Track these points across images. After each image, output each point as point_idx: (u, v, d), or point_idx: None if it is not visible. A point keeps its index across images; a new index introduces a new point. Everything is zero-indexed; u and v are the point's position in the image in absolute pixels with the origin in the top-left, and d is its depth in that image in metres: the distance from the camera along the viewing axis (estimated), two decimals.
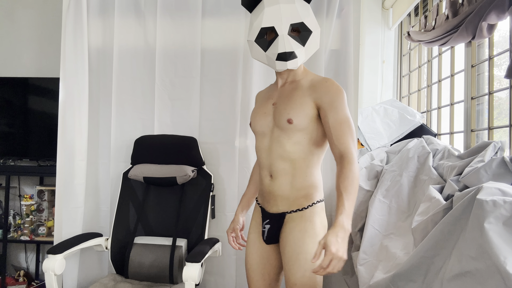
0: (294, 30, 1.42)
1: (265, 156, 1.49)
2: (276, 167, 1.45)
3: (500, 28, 2.14)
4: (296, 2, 1.43)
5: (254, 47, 1.47)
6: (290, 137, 1.43)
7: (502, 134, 2.14)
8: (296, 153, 1.44)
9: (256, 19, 1.44)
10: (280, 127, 1.45)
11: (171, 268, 1.94)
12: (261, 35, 1.43)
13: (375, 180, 2.12)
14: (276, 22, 1.40)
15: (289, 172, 1.44)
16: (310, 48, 1.46)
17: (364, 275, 1.69)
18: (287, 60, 1.41)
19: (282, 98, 1.49)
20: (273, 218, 1.49)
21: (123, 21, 2.28)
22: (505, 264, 0.96)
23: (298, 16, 1.41)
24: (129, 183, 2.16)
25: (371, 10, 3.68)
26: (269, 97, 1.57)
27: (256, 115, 1.55)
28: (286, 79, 1.53)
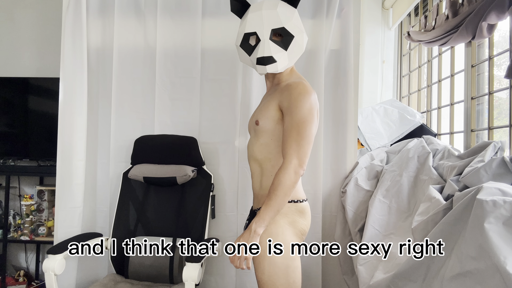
0: (276, 35, 1.47)
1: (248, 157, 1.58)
2: (250, 166, 1.56)
3: (500, 28, 2.13)
4: (278, 8, 1.47)
5: (240, 52, 1.55)
6: (258, 139, 1.50)
7: (502, 134, 2.14)
8: (262, 154, 1.49)
9: (241, 25, 1.52)
10: (252, 128, 1.53)
11: (171, 268, 1.94)
12: (245, 40, 1.51)
13: (375, 180, 2.12)
14: (258, 28, 1.46)
15: (259, 172, 1.52)
16: (294, 52, 1.50)
17: (364, 275, 1.69)
18: (265, 65, 1.46)
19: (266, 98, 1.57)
20: (251, 215, 1.59)
21: (123, 21, 2.28)
22: (505, 264, 0.96)
23: (279, 21, 1.45)
24: (129, 183, 2.16)
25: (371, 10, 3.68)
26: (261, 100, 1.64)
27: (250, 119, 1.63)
28: (272, 82, 1.60)
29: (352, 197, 2.06)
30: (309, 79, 2.19)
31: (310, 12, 2.21)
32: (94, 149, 2.32)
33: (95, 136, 2.32)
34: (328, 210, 2.23)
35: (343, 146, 2.21)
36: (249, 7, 1.55)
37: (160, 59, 2.27)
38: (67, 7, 2.22)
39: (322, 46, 2.18)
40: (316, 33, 2.20)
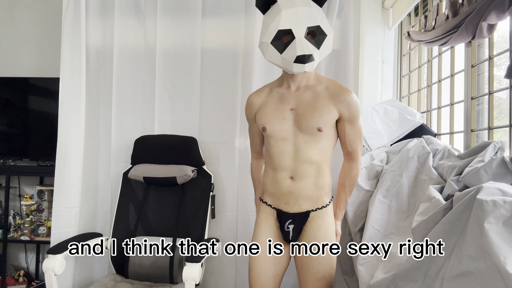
0: (309, 33, 1.45)
1: (289, 160, 1.53)
2: (301, 170, 1.53)
3: (500, 28, 2.13)
4: (312, 6, 1.45)
5: (269, 49, 1.48)
6: (318, 143, 1.53)
7: (502, 134, 2.14)
8: (321, 157, 1.54)
9: (272, 21, 1.44)
10: (307, 134, 1.52)
11: (171, 268, 1.94)
12: (278, 37, 1.44)
13: (375, 180, 2.11)
14: (294, 25, 1.41)
15: (313, 174, 1.54)
16: (324, 51, 1.50)
17: (364, 275, 1.69)
18: (305, 63, 1.43)
19: (303, 105, 1.53)
20: (297, 218, 1.56)
21: (123, 21, 2.28)
22: (505, 264, 0.96)
23: (315, 20, 1.43)
24: (129, 183, 2.16)
25: (371, 10, 3.68)
26: (283, 101, 1.57)
27: (274, 120, 1.55)
28: (300, 83, 1.56)
29: (352, 197, 2.05)
30: None
31: None
32: (94, 149, 2.32)
33: (96, 136, 2.32)
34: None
35: None
36: (275, 3, 1.50)
37: (160, 59, 2.27)
38: (67, 7, 2.22)
39: None
40: None
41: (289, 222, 1.56)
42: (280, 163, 1.54)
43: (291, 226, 1.56)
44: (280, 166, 1.54)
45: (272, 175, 1.58)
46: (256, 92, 1.68)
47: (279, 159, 1.54)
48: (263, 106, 1.61)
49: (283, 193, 1.55)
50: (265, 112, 1.58)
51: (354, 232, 2.01)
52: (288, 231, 1.57)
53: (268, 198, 1.61)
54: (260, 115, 1.59)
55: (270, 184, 1.59)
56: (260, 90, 1.67)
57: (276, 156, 1.55)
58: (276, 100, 1.58)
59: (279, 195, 1.57)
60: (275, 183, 1.57)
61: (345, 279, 2.09)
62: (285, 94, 1.58)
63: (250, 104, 1.66)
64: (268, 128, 1.55)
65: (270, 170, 1.59)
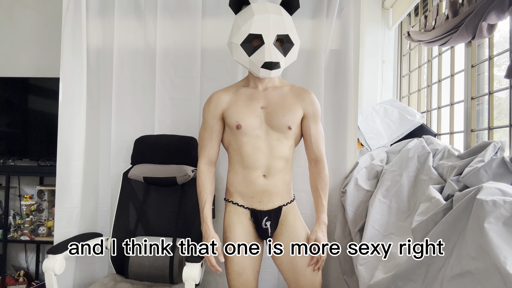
0: (278, 40, 1.52)
1: (262, 158, 1.57)
2: (273, 167, 1.58)
3: (500, 28, 2.14)
4: (283, 14, 1.53)
5: (238, 50, 1.54)
6: (288, 140, 1.61)
7: (502, 134, 2.14)
8: (289, 154, 1.63)
9: (244, 24, 1.50)
10: (278, 131, 1.57)
11: (171, 268, 1.94)
12: (248, 40, 1.51)
13: (375, 180, 2.11)
14: (264, 31, 1.48)
15: (282, 170, 1.61)
16: (289, 59, 1.58)
17: (364, 275, 1.69)
18: (271, 69, 1.51)
19: (273, 103, 1.60)
20: (272, 214, 1.62)
21: (123, 21, 2.28)
22: (505, 264, 0.96)
23: (285, 28, 1.51)
24: (129, 183, 2.16)
25: (371, 10, 3.68)
26: (253, 100, 1.62)
27: (247, 117, 1.58)
28: (267, 85, 1.64)
29: (352, 197, 2.06)
30: (309, 79, 2.20)
31: (310, 12, 2.21)
32: (95, 149, 2.32)
33: (96, 136, 2.32)
34: (328, 210, 2.22)
35: (343, 146, 2.21)
36: (248, 5, 1.57)
37: (160, 59, 2.27)
38: (67, 7, 2.22)
39: (322, 46, 2.18)
40: (316, 33, 2.19)
41: (266, 219, 1.61)
42: (254, 162, 1.56)
43: (268, 223, 1.62)
44: (253, 165, 1.57)
45: (243, 174, 1.59)
46: (222, 90, 1.68)
47: (252, 157, 1.56)
48: (233, 103, 1.61)
49: (257, 192, 1.59)
50: (238, 109, 1.59)
51: (354, 232, 2.01)
52: (266, 228, 1.62)
53: (239, 199, 1.62)
54: (231, 112, 1.59)
55: (241, 184, 1.60)
56: (226, 89, 1.69)
57: (250, 154, 1.57)
58: (246, 98, 1.62)
59: (252, 194, 1.59)
60: (247, 182, 1.59)
61: (345, 279, 2.09)
62: (254, 93, 1.63)
63: (217, 100, 1.63)
64: (243, 125, 1.56)
65: (241, 170, 1.59)
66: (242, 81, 1.71)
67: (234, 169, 1.62)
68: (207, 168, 1.66)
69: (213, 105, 1.63)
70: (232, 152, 1.63)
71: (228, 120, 1.60)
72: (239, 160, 1.59)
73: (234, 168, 1.62)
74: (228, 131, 1.64)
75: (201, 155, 1.66)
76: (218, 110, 1.62)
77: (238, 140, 1.58)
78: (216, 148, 1.67)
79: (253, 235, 1.64)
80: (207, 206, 1.62)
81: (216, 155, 1.68)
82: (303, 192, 2.12)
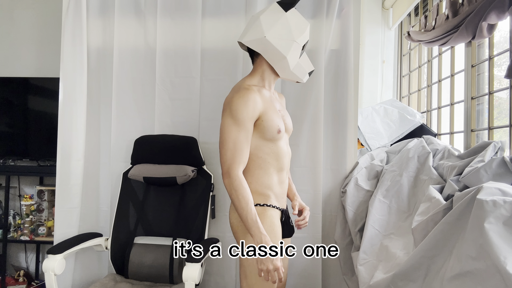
0: None
1: (288, 159, 1.64)
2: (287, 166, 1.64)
3: (500, 28, 2.13)
4: None
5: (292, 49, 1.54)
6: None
7: (502, 134, 2.14)
8: None
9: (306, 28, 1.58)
10: (289, 133, 1.67)
11: (171, 268, 1.94)
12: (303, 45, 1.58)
13: (375, 180, 2.12)
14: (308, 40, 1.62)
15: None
16: None
17: (364, 275, 1.69)
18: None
19: (282, 107, 1.68)
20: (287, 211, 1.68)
21: (123, 21, 2.28)
22: (505, 264, 0.96)
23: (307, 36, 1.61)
24: (129, 183, 2.16)
25: (371, 10, 3.68)
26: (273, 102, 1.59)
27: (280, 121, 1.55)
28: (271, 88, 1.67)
29: (352, 197, 2.06)
30: (309, 79, 2.18)
31: (310, 12, 2.21)
32: (95, 149, 2.32)
33: (96, 136, 2.32)
34: (328, 210, 2.23)
35: (343, 146, 2.21)
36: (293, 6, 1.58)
37: (160, 59, 2.27)
38: (67, 7, 2.22)
39: (322, 46, 2.18)
40: (316, 33, 2.19)
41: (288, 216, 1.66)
42: (284, 163, 1.61)
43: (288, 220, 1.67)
44: (285, 166, 1.61)
45: (278, 176, 1.57)
46: (253, 89, 1.50)
47: (284, 159, 1.60)
48: (267, 106, 1.51)
49: (285, 192, 1.66)
50: (274, 113, 1.52)
51: (354, 232, 2.01)
52: (292, 225, 1.68)
53: (275, 201, 1.55)
54: (269, 115, 1.49)
55: (276, 186, 1.56)
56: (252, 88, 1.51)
57: (283, 156, 1.59)
58: (270, 101, 1.55)
59: (283, 195, 1.63)
60: (280, 183, 1.59)
61: (345, 279, 2.09)
62: (272, 96, 1.62)
63: (255, 101, 1.46)
64: (282, 129, 1.55)
65: (275, 172, 1.56)
66: (254, 79, 1.57)
67: (268, 173, 1.53)
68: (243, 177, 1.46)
69: (252, 106, 1.44)
70: (264, 156, 1.52)
71: (267, 123, 1.48)
72: (274, 163, 1.54)
73: (268, 171, 1.53)
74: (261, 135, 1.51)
75: (236, 161, 1.44)
76: (256, 111, 1.46)
77: (276, 144, 1.53)
78: (248, 152, 1.49)
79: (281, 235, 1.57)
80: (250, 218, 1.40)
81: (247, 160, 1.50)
82: (304, 192, 2.12)
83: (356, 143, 2.25)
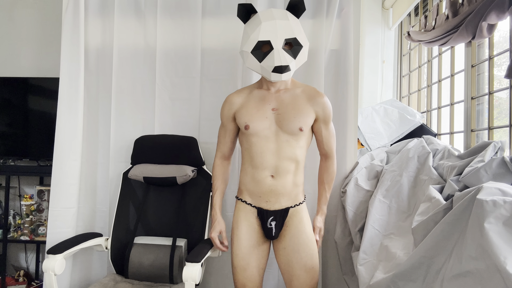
0: (286, 44, 1.56)
1: (270, 158, 1.61)
2: (282, 167, 1.62)
3: (500, 28, 2.13)
4: (289, 19, 1.58)
5: (249, 58, 1.60)
6: (298, 142, 1.64)
7: (502, 134, 2.14)
8: (300, 155, 1.65)
9: (253, 32, 1.56)
10: (288, 133, 1.62)
11: (171, 268, 1.94)
12: (257, 47, 1.56)
13: (375, 180, 2.11)
14: (272, 37, 1.53)
15: (292, 171, 1.64)
16: (299, 61, 1.62)
17: (364, 275, 1.69)
18: (282, 73, 1.56)
19: (284, 105, 1.64)
20: (278, 214, 1.65)
21: (123, 21, 2.28)
22: (505, 264, 0.96)
23: (292, 32, 1.56)
24: (129, 183, 2.16)
25: (371, 10, 3.68)
26: (264, 102, 1.67)
27: (256, 118, 1.64)
28: (279, 87, 1.68)
29: (352, 197, 2.05)
30: (309, 79, 2.20)
31: (310, 12, 2.21)
32: (94, 149, 2.32)
33: (95, 136, 2.32)
34: (328, 210, 2.22)
35: (343, 146, 2.21)
36: (255, 13, 1.61)
37: (160, 59, 2.27)
38: (67, 7, 2.21)
39: (322, 46, 2.18)
40: (316, 33, 2.19)
41: (271, 219, 1.65)
42: (262, 162, 1.62)
43: (273, 223, 1.65)
44: (261, 165, 1.62)
45: (252, 173, 1.65)
46: (235, 92, 1.76)
47: (261, 157, 1.62)
48: (244, 105, 1.69)
49: (264, 191, 1.64)
50: (248, 111, 1.66)
51: (354, 232, 2.01)
52: (271, 227, 1.65)
53: (248, 197, 1.68)
54: (242, 113, 1.67)
55: (250, 183, 1.66)
56: (240, 90, 1.76)
57: (258, 154, 1.62)
58: (257, 100, 1.68)
59: (260, 194, 1.64)
60: (255, 181, 1.64)
61: (345, 279, 2.09)
62: (266, 95, 1.68)
63: (230, 102, 1.73)
64: (252, 126, 1.63)
65: (250, 169, 1.66)
66: (257, 83, 1.76)
67: (245, 168, 1.70)
68: (221, 162, 1.81)
69: (227, 107, 1.73)
70: (244, 152, 1.71)
71: (238, 120, 1.69)
72: (249, 159, 1.66)
73: (245, 167, 1.70)
74: (241, 131, 1.71)
75: (217, 150, 1.82)
76: (231, 111, 1.72)
77: (248, 140, 1.65)
78: (229, 145, 1.79)
79: (259, 233, 1.69)
80: (217, 194, 1.77)
81: (229, 151, 1.81)
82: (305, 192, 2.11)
83: (356, 143, 2.25)
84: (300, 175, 1.69)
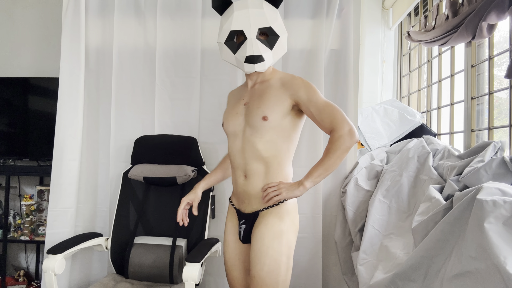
0: (262, 34, 1.47)
1: (239, 157, 1.52)
2: (250, 167, 1.49)
3: (500, 28, 2.13)
4: (264, 7, 1.47)
5: (224, 49, 1.52)
6: (262, 136, 1.47)
7: (502, 134, 2.14)
8: (268, 152, 1.47)
9: (225, 22, 1.49)
10: (252, 126, 1.48)
11: (171, 268, 1.94)
12: (231, 37, 1.48)
13: (375, 180, 2.11)
14: (245, 26, 1.44)
15: (262, 171, 1.48)
16: (277, 52, 1.51)
17: (364, 275, 1.69)
18: (254, 63, 1.46)
19: (254, 98, 1.52)
20: (248, 218, 1.53)
21: (123, 21, 2.28)
22: (505, 264, 0.96)
23: (266, 21, 1.45)
24: (129, 183, 2.16)
25: (371, 10, 3.68)
26: (240, 98, 1.60)
27: (228, 115, 1.58)
28: (256, 80, 1.58)
29: (352, 197, 2.06)
30: (309, 79, 2.18)
31: (310, 12, 2.21)
32: (94, 149, 2.32)
33: (95, 136, 2.32)
34: (328, 210, 2.23)
35: None
36: (231, 4, 1.53)
37: (160, 59, 2.27)
38: (67, 7, 2.22)
39: (322, 46, 2.18)
40: (316, 33, 2.19)
41: (242, 222, 1.55)
42: (234, 161, 1.54)
43: (243, 227, 1.54)
44: (234, 164, 1.55)
45: (232, 174, 1.59)
46: (234, 89, 1.73)
47: (233, 156, 1.54)
48: (229, 102, 1.67)
49: (239, 192, 1.54)
50: (227, 109, 1.63)
51: (354, 232, 2.01)
52: (240, 231, 1.56)
53: (234, 198, 1.62)
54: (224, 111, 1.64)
55: (233, 184, 1.60)
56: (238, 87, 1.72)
57: (231, 153, 1.55)
58: (237, 97, 1.63)
59: (237, 194, 1.57)
60: (233, 182, 1.58)
61: (345, 279, 2.09)
62: (243, 91, 1.62)
63: (227, 99, 1.72)
64: (225, 124, 1.58)
65: (232, 170, 1.59)
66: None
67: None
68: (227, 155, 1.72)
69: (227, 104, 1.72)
70: None
71: None
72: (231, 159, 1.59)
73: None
74: None
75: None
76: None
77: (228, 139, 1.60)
78: None
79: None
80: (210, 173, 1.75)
81: None
82: None
83: (356, 143, 2.25)
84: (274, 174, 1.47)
